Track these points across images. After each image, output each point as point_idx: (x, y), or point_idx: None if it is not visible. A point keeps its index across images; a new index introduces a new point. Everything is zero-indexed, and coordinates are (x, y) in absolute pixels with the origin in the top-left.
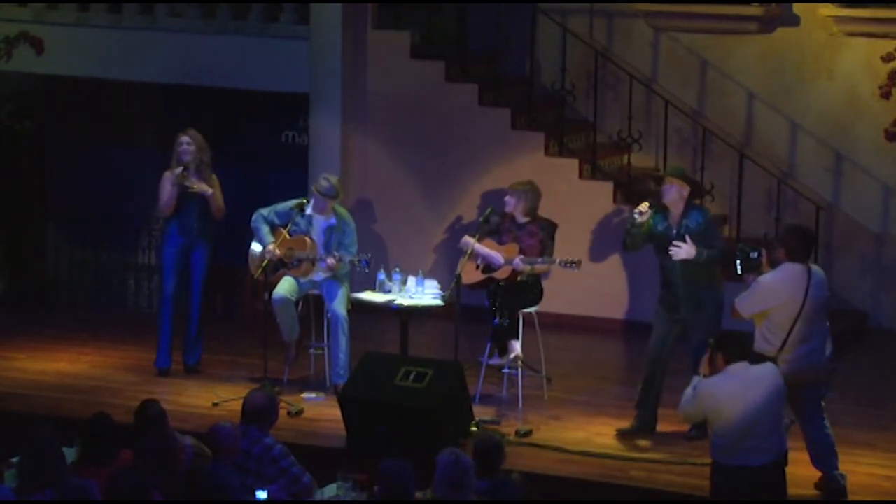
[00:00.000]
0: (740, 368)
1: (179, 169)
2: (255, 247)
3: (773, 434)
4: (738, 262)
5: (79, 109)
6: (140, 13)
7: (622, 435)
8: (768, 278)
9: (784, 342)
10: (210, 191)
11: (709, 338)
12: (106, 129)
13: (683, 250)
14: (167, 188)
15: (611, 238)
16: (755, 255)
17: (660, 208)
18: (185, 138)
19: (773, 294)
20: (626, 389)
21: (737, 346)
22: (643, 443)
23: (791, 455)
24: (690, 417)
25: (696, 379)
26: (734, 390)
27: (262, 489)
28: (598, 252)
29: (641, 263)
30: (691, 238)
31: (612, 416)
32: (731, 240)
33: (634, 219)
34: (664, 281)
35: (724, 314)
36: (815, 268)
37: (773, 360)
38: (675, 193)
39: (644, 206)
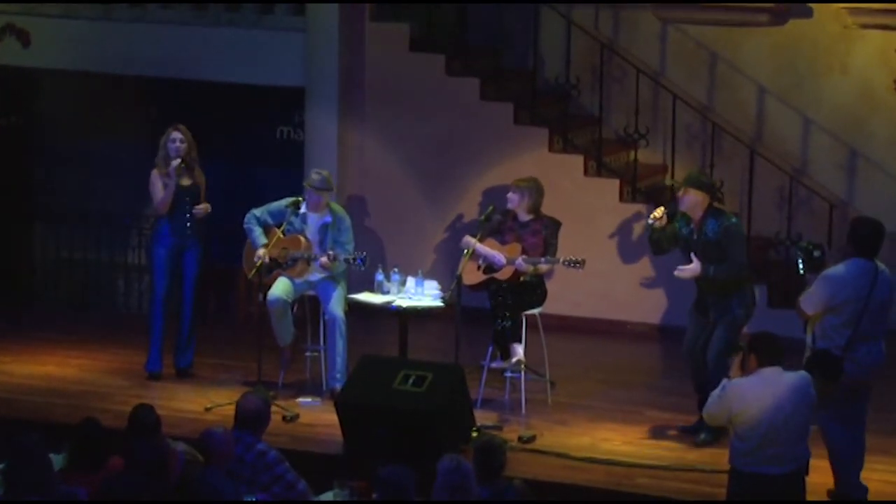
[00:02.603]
0: (773, 372)
1: (177, 161)
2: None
3: (797, 444)
4: (799, 261)
5: (66, 104)
6: (130, 5)
7: (684, 431)
8: (834, 272)
9: (849, 340)
10: (208, 210)
11: (729, 337)
12: (94, 124)
13: (687, 270)
14: (158, 186)
15: (617, 237)
16: (818, 253)
17: (682, 213)
18: (177, 134)
19: (839, 289)
20: (632, 394)
21: (770, 347)
22: (651, 450)
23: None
24: (714, 419)
25: (724, 381)
26: (764, 393)
27: (251, 497)
28: (603, 252)
29: (648, 264)
30: (707, 247)
31: (619, 422)
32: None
33: (652, 225)
34: (697, 286)
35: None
36: (882, 266)
37: (840, 359)
38: (689, 202)
39: (659, 211)
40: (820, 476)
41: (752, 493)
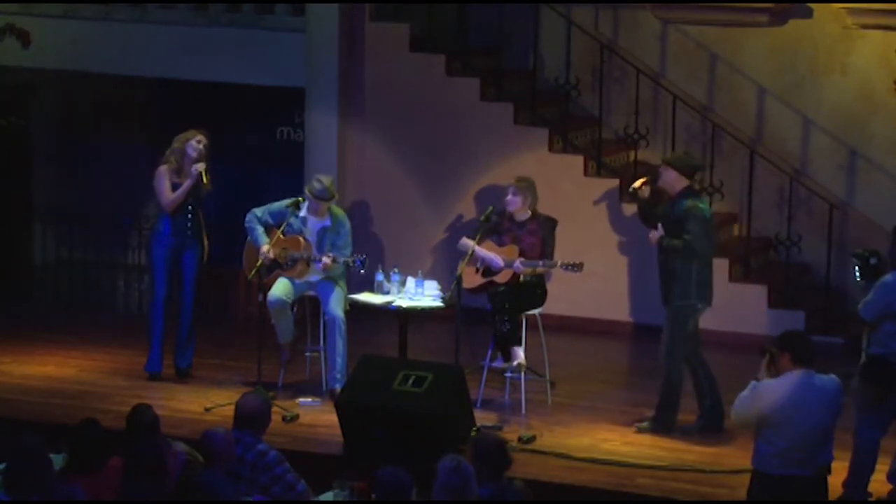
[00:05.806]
0: (803, 375)
1: (202, 165)
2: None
3: (822, 447)
4: (856, 268)
5: (66, 104)
6: (130, 5)
7: (685, 431)
8: (891, 279)
9: None
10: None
11: (671, 332)
12: (94, 124)
13: (651, 234)
14: (166, 183)
15: (616, 237)
16: (874, 260)
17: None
18: (200, 137)
19: None
20: (632, 394)
21: (804, 348)
22: (651, 450)
23: None
24: (743, 420)
25: (753, 382)
26: (793, 395)
27: (250, 497)
28: (603, 252)
29: (647, 264)
30: (667, 224)
31: (618, 422)
32: (744, 239)
33: (635, 193)
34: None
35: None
36: None
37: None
38: (665, 179)
39: (638, 182)
40: (838, 478)
41: (778, 495)
